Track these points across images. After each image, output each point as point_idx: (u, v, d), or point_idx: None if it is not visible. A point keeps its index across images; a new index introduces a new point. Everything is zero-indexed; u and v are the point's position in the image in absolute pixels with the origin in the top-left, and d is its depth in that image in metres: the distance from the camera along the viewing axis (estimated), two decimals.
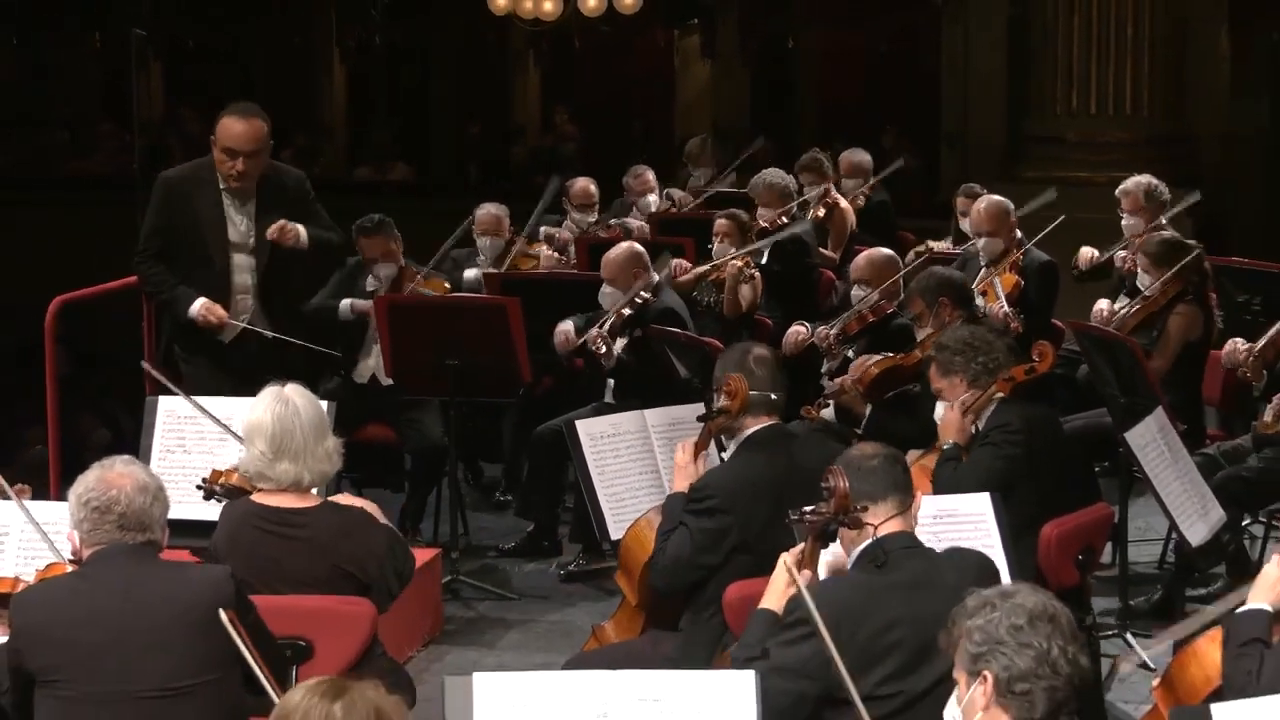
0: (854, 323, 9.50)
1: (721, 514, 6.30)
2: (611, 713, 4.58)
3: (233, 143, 8.46)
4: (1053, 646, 4.10)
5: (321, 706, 3.81)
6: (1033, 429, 7.25)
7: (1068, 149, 15.76)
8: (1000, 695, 4.11)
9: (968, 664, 4.19)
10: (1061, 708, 4.12)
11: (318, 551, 6.07)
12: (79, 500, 5.26)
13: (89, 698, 5.06)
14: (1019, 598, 4.20)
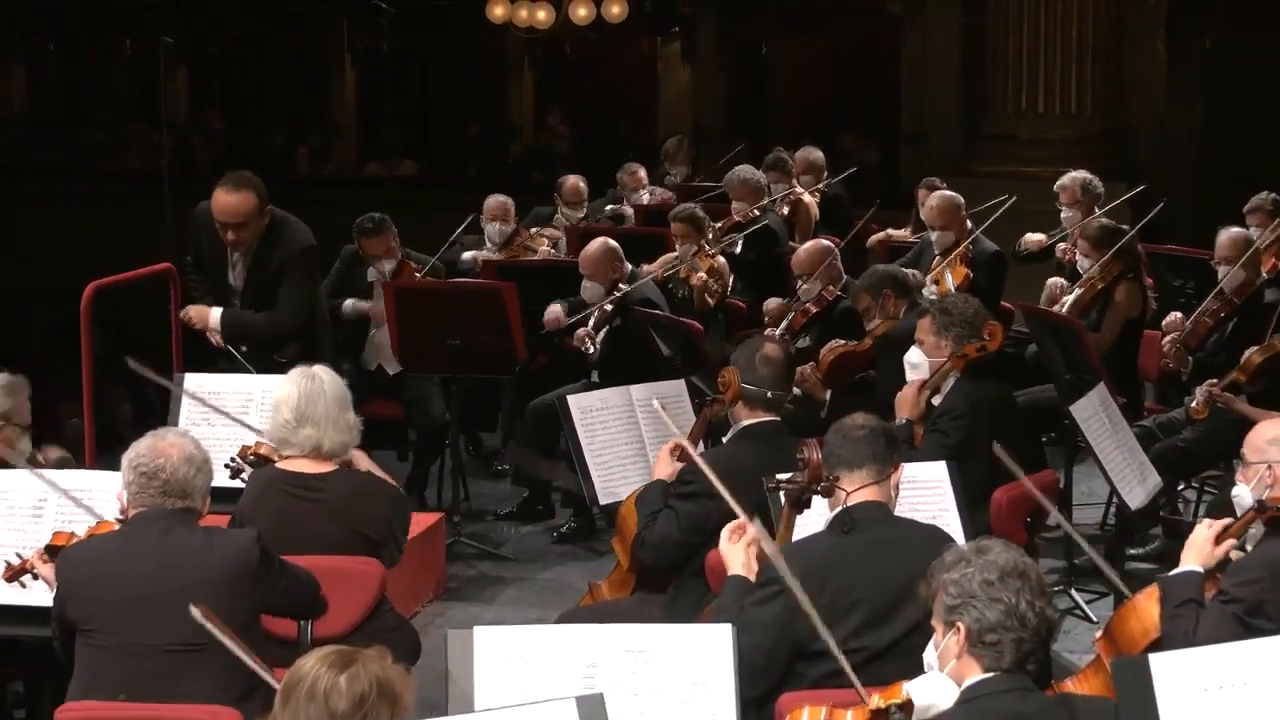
0: (799, 317, 9.53)
1: (705, 498, 6.27)
2: (600, 663, 4.58)
3: (222, 216, 8.21)
4: (1021, 601, 4.10)
5: (329, 676, 3.81)
6: (976, 410, 7.26)
7: (1018, 145, 15.75)
8: (972, 645, 4.11)
9: (944, 615, 4.19)
10: (1028, 657, 4.12)
11: (335, 513, 6.11)
12: (129, 463, 5.31)
13: (119, 648, 5.09)
14: (992, 555, 4.19)
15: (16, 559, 5.54)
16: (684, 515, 6.28)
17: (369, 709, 3.80)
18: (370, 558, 6.07)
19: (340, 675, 3.81)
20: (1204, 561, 5.19)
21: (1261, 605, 5.02)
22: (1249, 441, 5.46)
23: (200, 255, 8.60)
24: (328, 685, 3.80)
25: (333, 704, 3.78)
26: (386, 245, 9.82)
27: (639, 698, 4.54)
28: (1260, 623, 4.95)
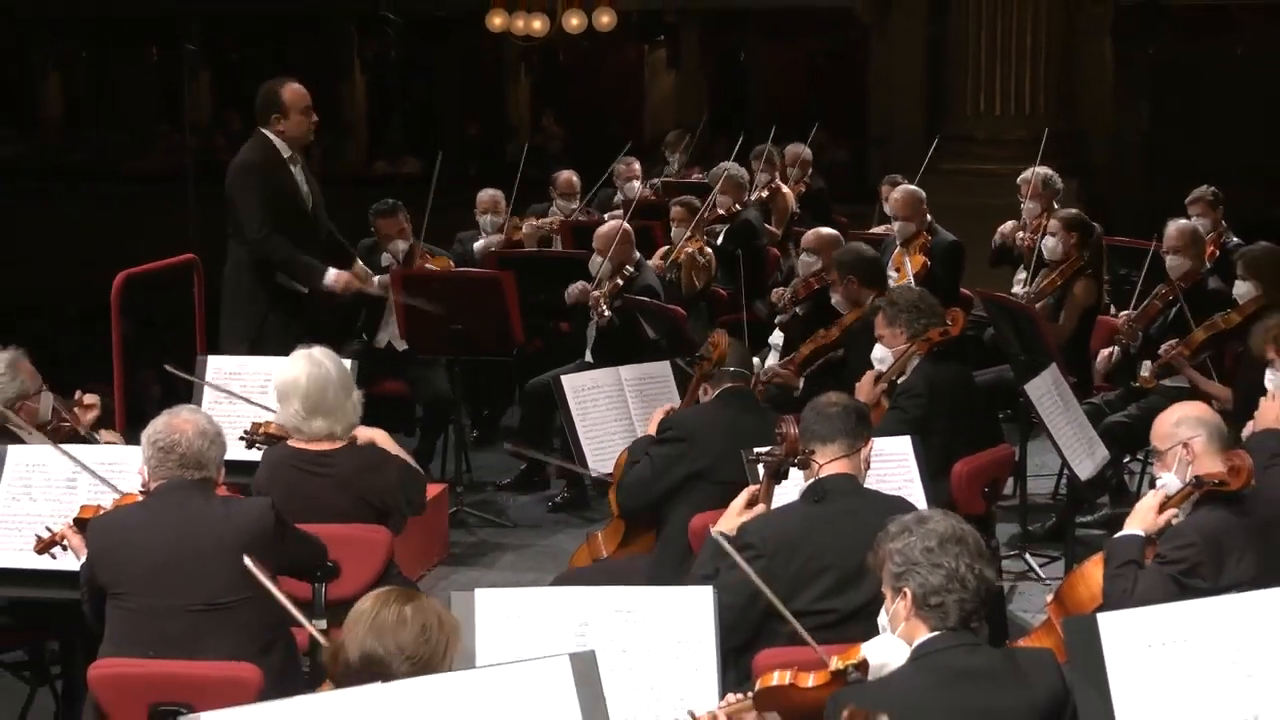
0: (803, 287, 9.55)
1: (678, 442, 6.35)
2: (592, 622, 4.59)
3: (308, 100, 8.58)
4: (960, 564, 4.11)
5: (394, 608, 3.85)
6: (935, 390, 7.27)
7: (976, 145, 15.77)
8: (918, 608, 4.12)
9: (891, 582, 4.20)
10: (971, 616, 4.13)
11: (344, 486, 6.12)
12: (148, 440, 5.31)
13: (148, 609, 5.09)
14: (931, 524, 4.21)
15: (47, 532, 5.54)
16: (656, 457, 6.38)
17: (431, 636, 3.83)
18: (379, 525, 6.10)
19: (405, 606, 3.85)
20: (1147, 527, 5.21)
21: (1196, 567, 5.04)
22: (1156, 433, 5.46)
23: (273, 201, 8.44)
24: (394, 615, 3.83)
25: (397, 634, 3.81)
26: (399, 226, 9.86)
27: (628, 654, 4.55)
28: (1195, 583, 4.97)
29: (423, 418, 9.76)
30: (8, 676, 6.63)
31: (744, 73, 21.80)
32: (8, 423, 6.30)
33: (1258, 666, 3.88)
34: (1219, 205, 10.67)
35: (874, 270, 8.89)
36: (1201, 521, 5.17)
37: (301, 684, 5.05)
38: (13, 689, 6.59)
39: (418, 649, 3.78)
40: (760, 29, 21.10)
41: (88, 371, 6.85)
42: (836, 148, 18.37)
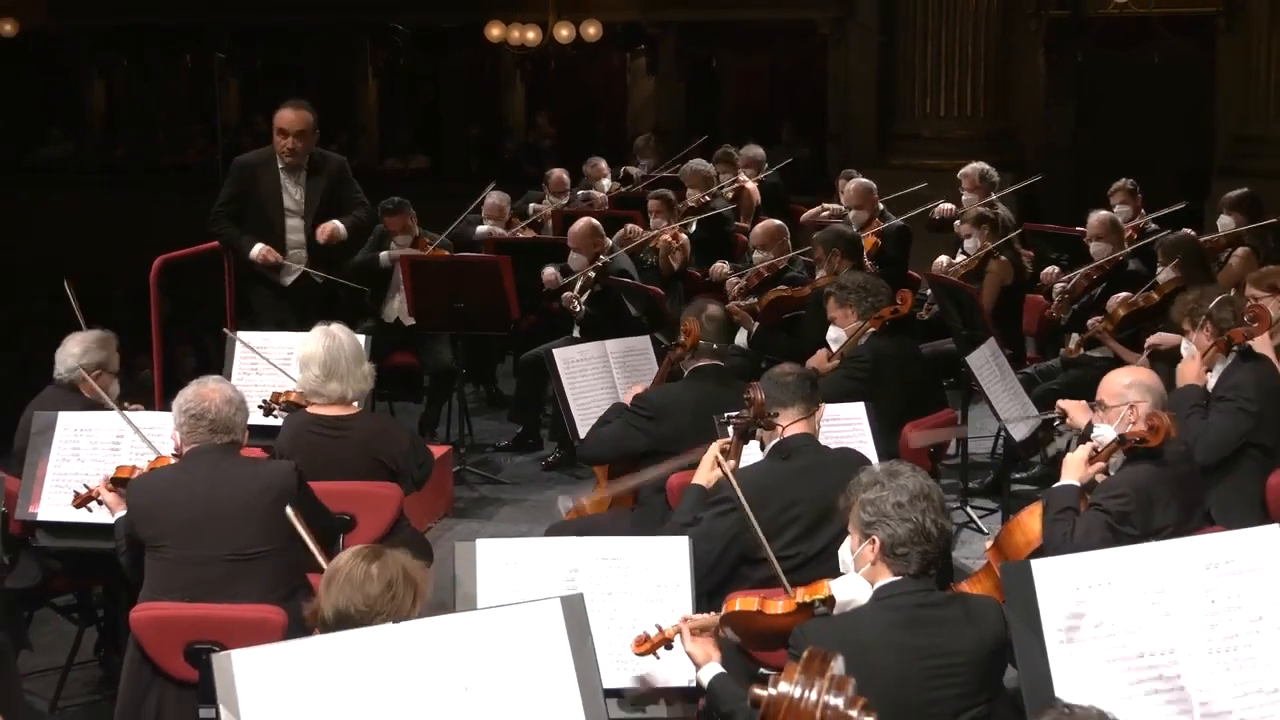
0: (754, 278, 9.57)
1: (645, 418, 6.40)
2: (581, 568, 4.60)
3: (284, 124, 8.54)
4: (926, 520, 4.11)
5: (362, 566, 3.85)
6: (880, 359, 7.30)
7: (923, 143, 15.77)
8: (885, 555, 4.12)
9: (860, 527, 4.19)
10: (931, 565, 4.14)
11: (359, 448, 6.14)
12: (180, 408, 5.32)
13: (184, 559, 5.09)
14: (902, 479, 4.20)
15: (84, 488, 5.53)
16: (624, 425, 6.46)
17: (396, 592, 3.82)
18: (391, 483, 6.10)
19: (372, 565, 3.85)
20: (1080, 477, 5.23)
21: (1127, 515, 5.07)
22: (1106, 387, 5.47)
23: (243, 199, 8.68)
24: (362, 573, 3.83)
25: (367, 589, 3.80)
26: (404, 223, 9.85)
27: (613, 597, 4.55)
28: (1126, 529, 5.00)
29: (429, 387, 9.75)
30: (58, 618, 6.63)
31: (716, 79, 21.76)
32: (82, 383, 6.35)
33: (1174, 606, 3.89)
34: (1137, 195, 10.71)
35: (855, 246, 9.06)
36: (1133, 474, 5.20)
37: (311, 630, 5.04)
38: (63, 629, 6.60)
39: (385, 603, 3.79)
40: (730, 40, 21.06)
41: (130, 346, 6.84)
42: (799, 145, 18.34)
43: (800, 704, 2.05)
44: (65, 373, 6.45)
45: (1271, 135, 15.49)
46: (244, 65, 22.79)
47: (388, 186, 10.76)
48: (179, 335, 9.51)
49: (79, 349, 6.47)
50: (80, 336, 6.54)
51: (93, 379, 6.40)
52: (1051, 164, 16.41)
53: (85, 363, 6.42)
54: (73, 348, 6.48)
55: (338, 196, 8.79)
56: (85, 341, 6.50)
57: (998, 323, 9.00)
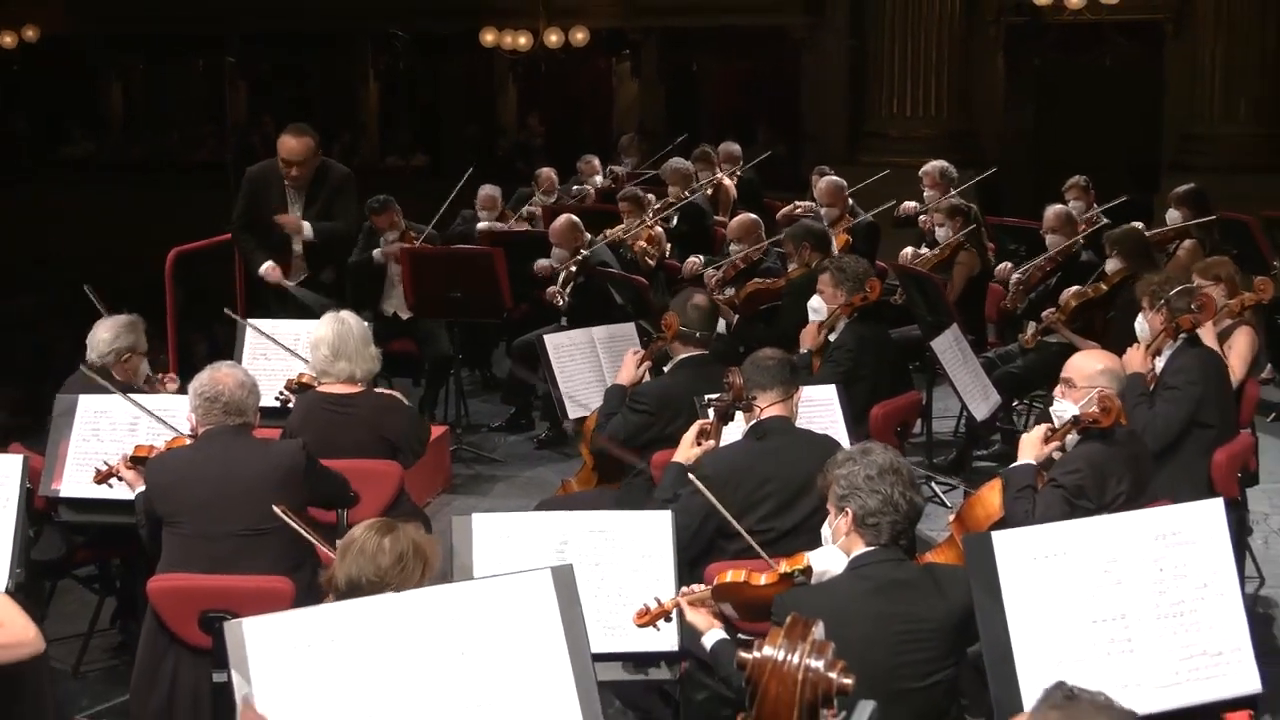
0: (730, 269, 9.56)
1: (647, 414, 6.32)
2: (570, 541, 4.59)
3: (287, 155, 8.34)
4: (895, 492, 4.13)
5: (375, 539, 3.84)
6: (862, 345, 7.30)
7: (890, 141, 15.81)
8: (857, 526, 4.14)
9: (835, 501, 4.21)
10: (901, 535, 4.17)
11: (364, 424, 6.16)
12: (195, 392, 5.30)
13: (199, 534, 5.08)
14: (873, 455, 4.22)
15: (104, 465, 5.52)
16: (630, 424, 6.34)
17: (406, 564, 3.82)
18: (392, 460, 6.10)
19: (384, 538, 3.84)
20: (1036, 456, 5.23)
21: (1083, 489, 5.07)
22: (1078, 369, 5.46)
23: (254, 212, 8.54)
24: (374, 545, 3.82)
25: (378, 560, 3.80)
26: (390, 219, 9.81)
27: (600, 567, 4.55)
28: (1083, 503, 5.01)
29: (427, 371, 9.74)
30: (80, 588, 6.62)
31: (696, 82, 21.76)
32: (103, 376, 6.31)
33: (1125, 575, 3.90)
34: (1090, 191, 10.73)
35: (824, 239, 9.06)
36: (1087, 451, 5.21)
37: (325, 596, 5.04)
38: (84, 598, 6.59)
39: (394, 575, 3.79)
40: (709, 45, 21.07)
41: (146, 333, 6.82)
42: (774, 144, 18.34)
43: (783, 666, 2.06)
44: (97, 358, 6.39)
45: (1216, 134, 15.55)
46: (253, 69, 22.76)
47: (389, 184, 10.73)
48: (192, 323, 9.47)
49: (109, 334, 6.41)
50: (109, 322, 6.48)
51: (123, 363, 6.39)
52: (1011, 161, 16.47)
53: (117, 347, 6.39)
54: (103, 334, 6.43)
55: (334, 206, 8.62)
56: (115, 327, 6.44)
57: (962, 310, 9.02)
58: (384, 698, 3.29)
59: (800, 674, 2.04)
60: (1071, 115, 17.48)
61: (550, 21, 20.15)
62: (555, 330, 8.49)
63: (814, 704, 2.04)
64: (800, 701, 2.03)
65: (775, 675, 2.04)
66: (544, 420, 9.47)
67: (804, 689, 2.03)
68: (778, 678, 2.04)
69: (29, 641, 4.13)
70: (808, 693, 2.02)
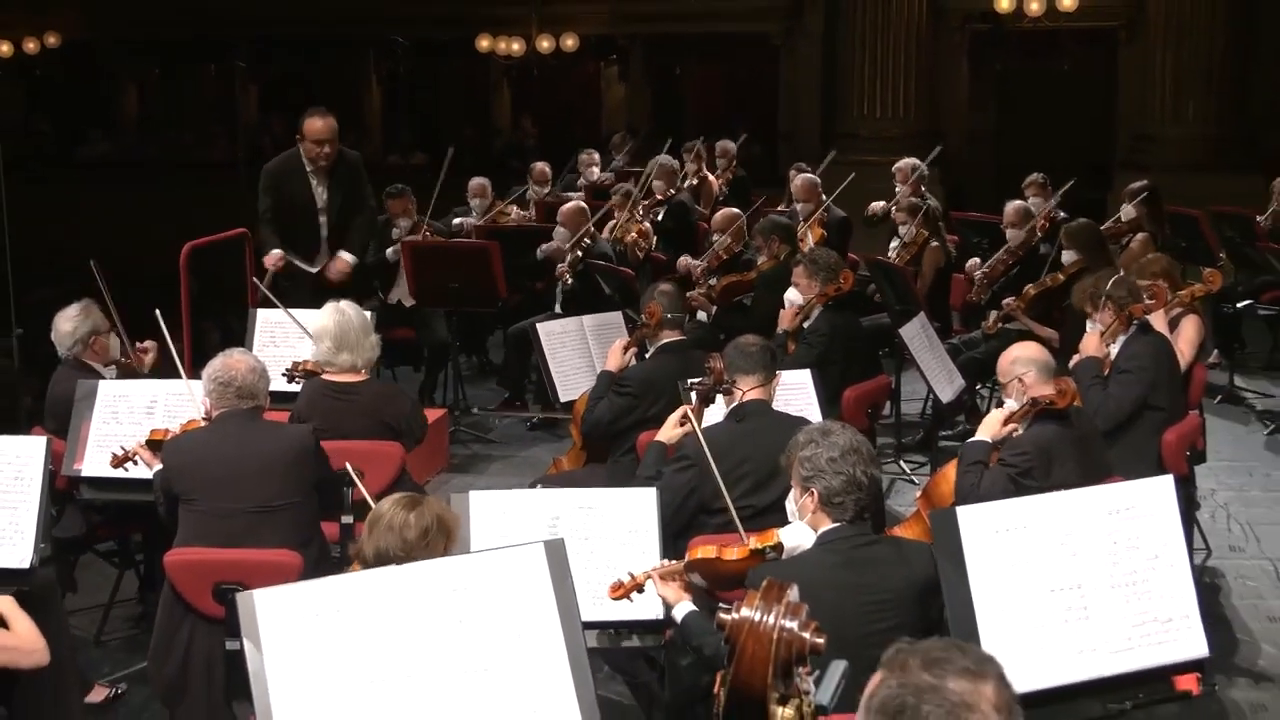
0: (713, 259, 9.58)
1: (632, 397, 6.34)
2: (562, 516, 4.60)
3: (319, 134, 8.46)
4: (858, 471, 4.12)
5: (402, 514, 3.85)
6: (834, 332, 7.34)
7: (861, 141, 15.80)
8: (823, 505, 4.13)
9: (800, 482, 4.20)
10: (865, 510, 4.15)
11: (367, 411, 6.17)
12: (209, 377, 5.31)
13: (213, 511, 5.08)
14: (834, 436, 4.20)
15: (121, 450, 5.52)
16: (615, 406, 6.37)
17: (431, 537, 3.83)
18: (394, 442, 6.10)
19: (410, 513, 3.85)
20: (993, 435, 5.26)
21: (1029, 470, 5.11)
22: (999, 370, 5.52)
23: (280, 202, 8.58)
24: (401, 520, 3.82)
25: (404, 533, 3.81)
26: (405, 206, 9.94)
27: (589, 541, 4.56)
28: (1028, 483, 5.03)
29: (427, 358, 9.74)
30: (101, 562, 6.62)
31: (679, 85, 21.73)
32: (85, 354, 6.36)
33: (1081, 547, 3.91)
34: (1047, 187, 10.75)
35: (790, 232, 9.13)
36: (1035, 434, 5.23)
37: (331, 568, 5.04)
38: (105, 572, 6.58)
39: (420, 548, 3.79)
40: (692, 50, 21.04)
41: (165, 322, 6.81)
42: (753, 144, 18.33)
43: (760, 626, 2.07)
44: (66, 350, 6.39)
45: (1165, 135, 15.58)
46: (262, 74, 22.66)
47: (391, 180, 10.71)
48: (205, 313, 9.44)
49: (70, 325, 6.39)
50: (65, 314, 6.43)
51: (92, 347, 6.39)
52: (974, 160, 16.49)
53: (81, 334, 6.38)
54: (64, 326, 6.39)
55: (354, 192, 8.74)
56: (72, 317, 6.40)
57: (928, 300, 9.05)
58: (387, 663, 3.30)
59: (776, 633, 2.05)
60: (1031, 117, 17.50)
61: (542, 28, 20.11)
62: (547, 318, 8.50)
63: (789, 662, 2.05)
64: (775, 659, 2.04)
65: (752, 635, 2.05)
66: (537, 403, 9.48)
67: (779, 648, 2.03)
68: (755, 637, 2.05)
69: (37, 650, 4.11)
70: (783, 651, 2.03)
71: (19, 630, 4.10)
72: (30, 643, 4.10)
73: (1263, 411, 9.60)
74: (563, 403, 7.54)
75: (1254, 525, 7.53)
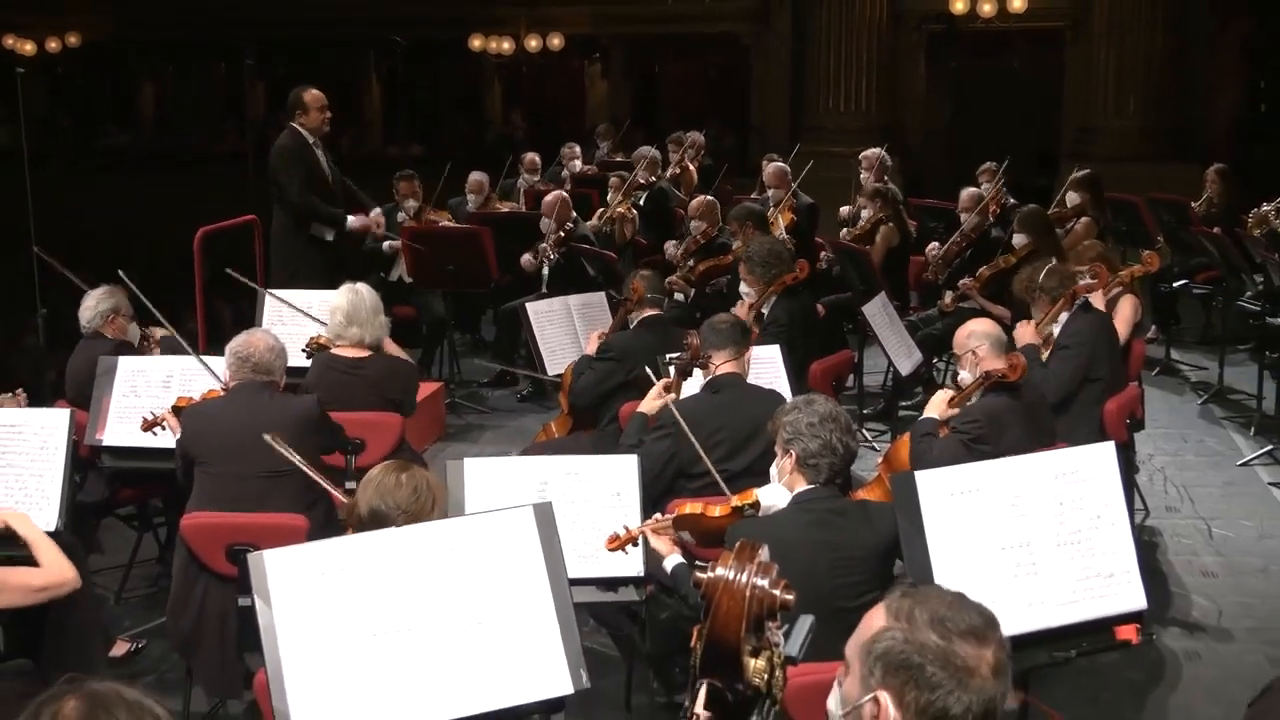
0: (691, 243, 9.58)
1: (614, 361, 6.34)
2: (550, 481, 4.58)
3: (325, 101, 8.60)
4: (834, 437, 4.13)
5: (393, 476, 3.83)
6: (792, 318, 7.30)
7: (826, 133, 15.78)
8: (800, 466, 4.14)
9: (781, 444, 4.22)
10: (838, 475, 4.17)
11: (371, 385, 6.17)
12: (230, 351, 5.33)
13: (226, 474, 5.08)
14: (816, 405, 4.22)
15: (151, 415, 5.51)
16: (599, 370, 6.40)
17: (420, 498, 3.81)
18: (394, 413, 6.10)
19: (401, 475, 3.84)
20: (939, 413, 5.29)
21: (981, 437, 5.12)
22: (955, 343, 5.54)
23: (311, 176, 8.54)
24: (393, 482, 3.81)
25: (396, 495, 3.79)
26: (412, 189, 10.06)
27: (575, 504, 4.54)
28: (979, 448, 5.05)
29: (424, 335, 9.72)
30: (121, 525, 6.60)
31: (657, 81, 21.69)
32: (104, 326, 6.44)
33: (1030, 508, 3.91)
34: (1000, 175, 10.73)
35: (761, 218, 9.09)
36: (986, 404, 5.25)
37: (337, 531, 5.03)
38: (125, 534, 6.56)
39: (410, 505, 3.78)
40: (669, 49, 21.00)
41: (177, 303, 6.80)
42: (726, 136, 18.31)
43: (733, 584, 2.06)
44: (87, 323, 6.51)
45: (1108, 127, 15.60)
46: (268, 72, 22.57)
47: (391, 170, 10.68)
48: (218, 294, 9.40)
49: (93, 301, 6.54)
50: (93, 293, 6.60)
51: (111, 323, 6.47)
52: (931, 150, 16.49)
53: (102, 309, 6.49)
54: (89, 301, 6.55)
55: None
56: (97, 295, 6.56)
57: (888, 279, 9.04)
58: (387, 618, 3.30)
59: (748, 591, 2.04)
60: (983, 110, 17.51)
61: (530, 29, 20.06)
62: (536, 298, 8.48)
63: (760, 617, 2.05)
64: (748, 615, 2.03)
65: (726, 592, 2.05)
66: (527, 377, 9.46)
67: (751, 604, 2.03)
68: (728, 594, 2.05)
69: (69, 580, 4.15)
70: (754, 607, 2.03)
71: (46, 562, 4.11)
72: (59, 574, 4.13)
73: (1196, 383, 9.64)
74: (550, 375, 7.54)
75: (1188, 488, 7.56)
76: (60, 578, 4.13)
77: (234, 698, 5.18)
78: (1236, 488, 7.54)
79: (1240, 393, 9.22)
